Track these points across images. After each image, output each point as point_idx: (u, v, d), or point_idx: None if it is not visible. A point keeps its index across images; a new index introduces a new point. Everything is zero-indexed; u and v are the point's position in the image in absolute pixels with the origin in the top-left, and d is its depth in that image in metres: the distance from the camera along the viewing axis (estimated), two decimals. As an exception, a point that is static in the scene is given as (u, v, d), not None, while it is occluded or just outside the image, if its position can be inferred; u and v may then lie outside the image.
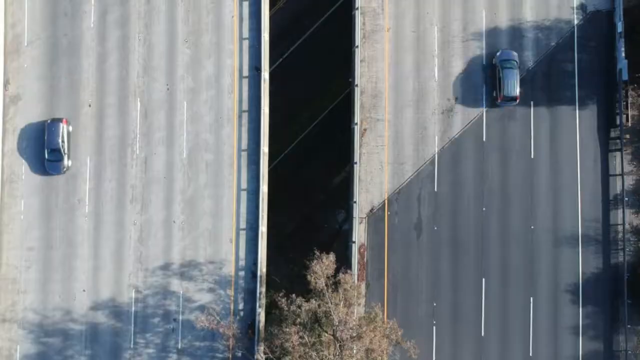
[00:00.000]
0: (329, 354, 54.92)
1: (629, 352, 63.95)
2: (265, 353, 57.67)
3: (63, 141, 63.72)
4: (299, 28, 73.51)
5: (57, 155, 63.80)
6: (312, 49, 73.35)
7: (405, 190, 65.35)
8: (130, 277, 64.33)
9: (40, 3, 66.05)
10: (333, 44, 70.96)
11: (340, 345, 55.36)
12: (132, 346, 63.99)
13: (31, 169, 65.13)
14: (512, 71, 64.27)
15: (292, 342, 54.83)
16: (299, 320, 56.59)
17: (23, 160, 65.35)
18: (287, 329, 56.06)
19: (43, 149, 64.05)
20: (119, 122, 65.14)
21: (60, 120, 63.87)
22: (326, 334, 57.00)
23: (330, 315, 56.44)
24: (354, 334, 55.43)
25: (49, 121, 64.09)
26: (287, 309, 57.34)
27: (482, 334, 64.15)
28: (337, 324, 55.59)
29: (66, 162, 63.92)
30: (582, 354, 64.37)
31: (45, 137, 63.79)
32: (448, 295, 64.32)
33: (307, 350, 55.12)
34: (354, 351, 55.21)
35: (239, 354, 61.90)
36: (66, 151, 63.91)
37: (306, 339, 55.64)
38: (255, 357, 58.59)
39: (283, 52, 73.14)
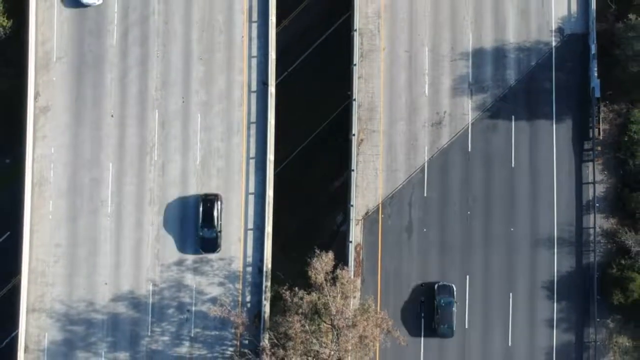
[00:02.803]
0: (327, 340, 61.20)
1: (598, 343, 70.38)
2: (270, 339, 63.91)
3: None
4: (302, 45, 78.95)
5: None
6: (314, 64, 78.72)
7: (398, 195, 71.55)
8: (148, 272, 70.66)
9: (68, 23, 72.24)
10: (333, 60, 76.83)
11: (337, 333, 61.64)
12: (149, 334, 70.29)
13: (59, 174, 71.54)
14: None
15: (294, 329, 61.14)
16: (300, 310, 62.83)
17: (52, 165, 71.68)
18: (290, 319, 62.36)
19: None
20: (139, 132, 71.42)
21: None
22: (325, 323, 63.21)
23: (329, 306, 62.74)
24: (350, 323, 61.65)
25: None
26: (290, 300, 63.63)
27: (466, 326, 70.35)
28: (334, 313, 61.91)
29: None
30: (556, 345, 70.59)
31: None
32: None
33: (307, 336, 61.47)
34: (349, 337, 61.44)
35: (246, 342, 68.25)
36: None
37: (307, 327, 61.93)
38: (261, 343, 64.73)
39: (287, 68, 78.90)
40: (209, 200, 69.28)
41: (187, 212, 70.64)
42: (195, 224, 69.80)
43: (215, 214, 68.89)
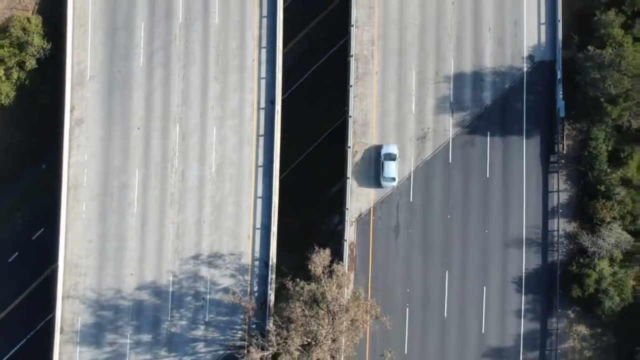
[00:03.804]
0: (324, 323, 70.65)
1: (560, 331, 79.36)
2: (275, 322, 73.30)
3: None
4: (304, 67, 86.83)
5: None
6: (314, 84, 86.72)
7: (387, 200, 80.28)
8: (169, 265, 79.61)
9: (100, 46, 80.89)
10: (332, 81, 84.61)
11: (332, 317, 71.03)
12: (169, 319, 79.36)
13: (91, 178, 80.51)
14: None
15: (296, 314, 70.39)
16: (301, 298, 71.80)
17: (85, 170, 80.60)
18: (293, 305, 71.44)
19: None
20: (162, 143, 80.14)
21: None
22: (322, 310, 72.50)
23: (326, 295, 71.86)
24: (343, 308, 71.21)
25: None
26: (292, 290, 72.72)
27: (445, 315, 79.21)
28: (330, 301, 71.27)
29: None
30: (523, 332, 79.37)
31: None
32: (419, 284, 79.31)
33: (307, 320, 70.58)
34: (342, 320, 70.93)
35: (254, 326, 77.32)
36: None
37: (307, 312, 71.09)
38: (267, 326, 74.21)
39: (291, 86, 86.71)
40: None
41: (203, 214, 79.92)
42: (210, 223, 79.22)
43: None
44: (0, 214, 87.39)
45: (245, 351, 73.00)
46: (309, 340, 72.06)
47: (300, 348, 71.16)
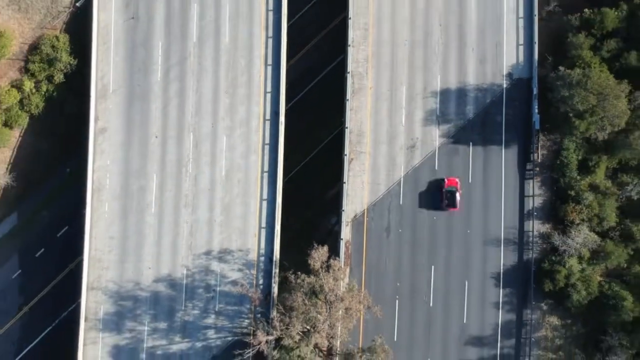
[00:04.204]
0: (322, 311, 79.04)
1: (534, 321, 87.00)
2: (278, 311, 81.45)
3: None
4: (305, 81, 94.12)
5: None
6: (315, 97, 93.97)
7: (379, 203, 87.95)
8: (183, 260, 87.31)
9: (121, 62, 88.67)
10: (330, 94, 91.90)
11: (329, 306, 79.42)
12: (183, 308, 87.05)
13: (113, 181, 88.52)
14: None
15: (297, 303, 78.41)
16: (302, 289, 79.63)
17: (108, 174, 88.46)
18: (294, 296, 79.35)
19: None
20: (177, 149, 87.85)
21: None
22: (320, 300, 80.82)
23: (323, 286, 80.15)
24: (339, 298, 79.71)
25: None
26: (294, 282, 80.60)
27: (431, 305, 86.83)
28: (327, 292, 79.56)
29: None
30: (501, 322, 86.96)
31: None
32: (407, 278, 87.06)
33: (307, 308, 78.65)
34: (338, 308, 79.34)
35: (259, 315, 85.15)
36: None
37: (307, 301, 79.11)
38: (271, 315, 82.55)
39: (294, 98, 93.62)
40: None
41: (214, 214, 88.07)
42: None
43: None
44: (29, 213, 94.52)
45: (252, 335, 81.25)
46: (308, 327, 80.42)
47: (300, 333, 79.57)
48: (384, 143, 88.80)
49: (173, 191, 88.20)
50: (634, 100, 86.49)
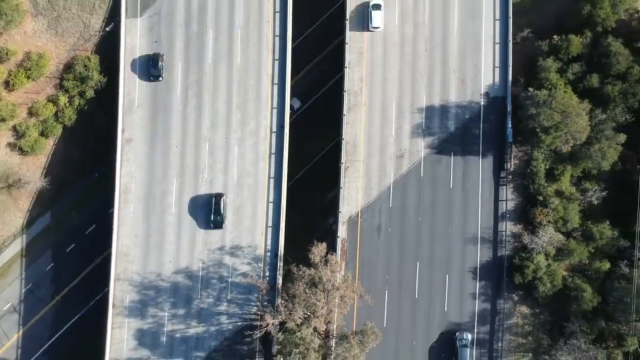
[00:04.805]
0: (321, 298, 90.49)
1: (506, 310, 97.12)
2: (283, 298, 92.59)
3: None
4: (307, 97, 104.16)
5: None
6: (314, 112, 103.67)
7: (372, 205, 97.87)
8: (199, 254, 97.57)
9: (146, 80, 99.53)
10: (329, 109, 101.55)
11: (326, 294, 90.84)
12: (199, 297, 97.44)
13: (138, 186, 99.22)
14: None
15: (299, 291, 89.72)
16: (304, 280, 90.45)
17: (133, 180, 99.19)
18: (297, 285, 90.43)
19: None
20: (194, 158, 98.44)
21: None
22: (319, 289, 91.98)
23: (322, 278, 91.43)
24: (335, 288, 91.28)
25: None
26: (296, 274, 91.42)
27: (416, 296, 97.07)
28: (325, 282, 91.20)
29: None
30: (477, 311, 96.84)
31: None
32: (395, 271, 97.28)
33: (308, 296, 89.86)
34: (334, 296, 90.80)
35: (265, 303, 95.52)
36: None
37: (307, 291, 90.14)
38: (276, 302, 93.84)
39: (296, 112, 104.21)
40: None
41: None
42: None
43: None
44: (60, 213, 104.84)
45: (260, 319, 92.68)
46: (308, 313, 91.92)
47: (302, 318, 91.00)
48: (376, 153, 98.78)
49: (191, 194, 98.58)
50: (594, 117, 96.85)
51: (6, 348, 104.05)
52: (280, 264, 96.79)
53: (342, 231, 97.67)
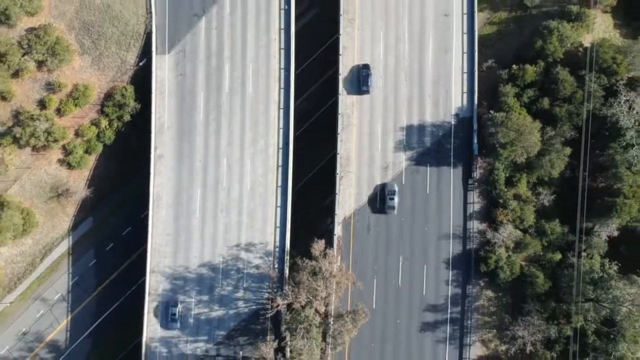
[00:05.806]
0: (320, 284, 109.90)
1: (474, 293, 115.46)
2: (290, 285, 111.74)
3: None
4: (307, 118, 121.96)
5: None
6: (314, 131, 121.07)
7: (362, 209, 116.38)
8: (220, 250, 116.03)
9: (174, 105, 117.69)
10: (325, 128, 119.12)
11: (325, 281, 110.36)
12: (220, 285, 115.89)
13: (168, 194, 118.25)
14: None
15: (303, 279, 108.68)
16: (307, 270, 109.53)
17: (164, 189, 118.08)
18: (301, 274, 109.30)
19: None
20: (215, 170, 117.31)
21: None
22: (319, 277, 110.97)
23: (322, 268, 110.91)
24: (332, 275, 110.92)
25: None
26: (300, 265, 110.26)
27: (400, 283, 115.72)
28: (324, 271, 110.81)
29: None
30: (450, 294, 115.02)
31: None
32: (382, 263, 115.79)
33: (310, 283, 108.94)
34: (332, 282, 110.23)
35: (275, 290, 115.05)
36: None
37: (310, 278, 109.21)
38: (284, 288, 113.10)
39: (298, 130, 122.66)
40: None
41: (242, 217, 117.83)
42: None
43: None
44: (101, 218, 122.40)
45: (271, 301, 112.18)
46: (310, 297, 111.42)
47: (305, 300, 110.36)
48: (365, 165, 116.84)
49: (212, 201, 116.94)
50: (545, 134, 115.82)
51: (57, 331, 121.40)
52: (287, 257, 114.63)
53: (338, 230, 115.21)
